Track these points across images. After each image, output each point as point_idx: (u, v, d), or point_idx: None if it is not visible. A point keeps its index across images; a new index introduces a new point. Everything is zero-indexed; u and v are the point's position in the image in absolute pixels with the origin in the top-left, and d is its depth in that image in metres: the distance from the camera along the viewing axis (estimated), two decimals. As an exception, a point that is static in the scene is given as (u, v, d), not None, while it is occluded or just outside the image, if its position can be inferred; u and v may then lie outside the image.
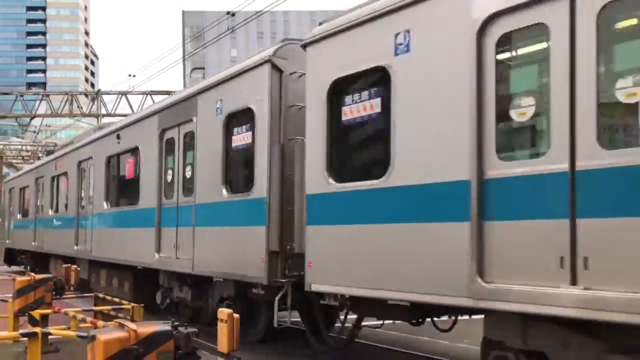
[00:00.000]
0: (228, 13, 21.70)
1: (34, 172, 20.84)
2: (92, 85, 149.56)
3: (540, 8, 4.55)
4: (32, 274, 9.50)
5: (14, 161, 47.51)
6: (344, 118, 6.48)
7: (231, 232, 8.25)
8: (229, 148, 8.60)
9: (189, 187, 9.67)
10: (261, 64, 7.76)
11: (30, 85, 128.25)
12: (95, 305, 10.89)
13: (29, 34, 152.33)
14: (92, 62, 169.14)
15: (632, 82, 4.05)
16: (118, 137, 12.44)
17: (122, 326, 4.88)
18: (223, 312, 5.22)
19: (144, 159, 11.28)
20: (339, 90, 6.54)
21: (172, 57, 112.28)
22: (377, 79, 6.08)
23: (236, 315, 5.24)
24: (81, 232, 14.69)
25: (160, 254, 10.29)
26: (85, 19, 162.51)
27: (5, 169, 46.46)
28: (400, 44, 5.75)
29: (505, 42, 4.87)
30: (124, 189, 12.64)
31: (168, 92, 29.76)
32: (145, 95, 30.79)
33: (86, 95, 36.10)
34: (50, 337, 7.84)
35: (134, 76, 77.82)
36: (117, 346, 4.66)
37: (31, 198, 21.06)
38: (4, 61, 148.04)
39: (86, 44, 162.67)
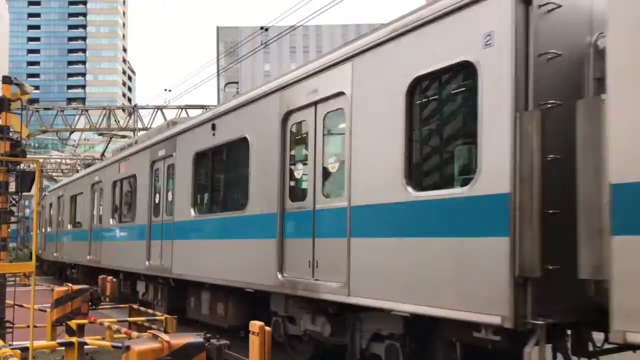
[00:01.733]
0: (261, 28, 21.96)
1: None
2: (129, 100, 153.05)
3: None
4: (70, 284, 9.70)
5: (54, 174, 48.85)
6: None
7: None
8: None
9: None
10: None
11: (70, 100, 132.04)
12: (130, 316, 11.05)
13: (70, 51, 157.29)
14: (130, 78, 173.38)
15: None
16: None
17: (155, 337, 4.94)
18: (255, 324, 5.22)
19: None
20: None
21: (206, 72, 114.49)
22: None
23: (268, 328, 5.24)
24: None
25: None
26: (124, 36, 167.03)
27: (45, 182, 47.80)
28: None
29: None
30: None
31: (203, 106, 30.22)
32: (180, 110, 31.34)
33: (123, 110, 36.94)
34: (86, 347, 7.96)
35: (170, 91, 79.51)
36: (151, 357, 4.71)
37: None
38: (46, 77, 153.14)
39: (124, 60, 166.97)
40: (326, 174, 7.30)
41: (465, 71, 5.41)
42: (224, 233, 9.39)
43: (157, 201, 12.40)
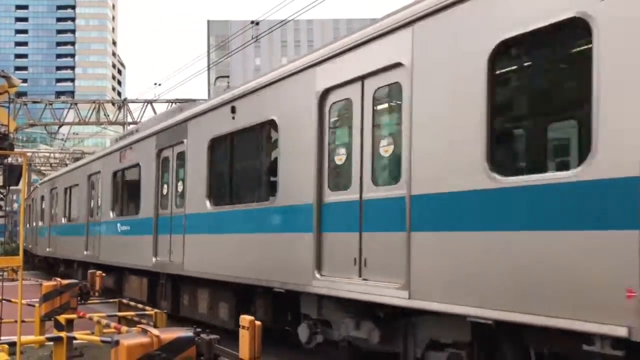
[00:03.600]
0: (252, 22, 21.89)
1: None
2: (119, 93, 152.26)
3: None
4: (58, 279, 9.63)
5: (42, 168, 48.48)
6: None
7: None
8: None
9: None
10: None
11: (59, 94, 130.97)
12: (119, 310, 11.00)
13: (59, 44, 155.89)
14: (119, 71, 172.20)
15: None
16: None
17: (145, 332, 4.91)
18: (245, 319, 5.21)
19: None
20: None
21: (197, 66, 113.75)
22: None
23: (258, 323, 5.22)
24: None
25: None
26: (113, 29, 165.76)
27: (34, 176, 47.44)
28: None
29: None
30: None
31: (193, 100, 30.05)
32: (170, 104, 31.18)
33: (113, 104, 36.69)
34: (75, 341, 7.93)
35: (160, 85, 79.04)
36: (140, 351, 4.68)
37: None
38: (34, 71, 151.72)
39: (113, 54, 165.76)
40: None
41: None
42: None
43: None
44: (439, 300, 5.21)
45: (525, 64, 5.09)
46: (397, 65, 5.87)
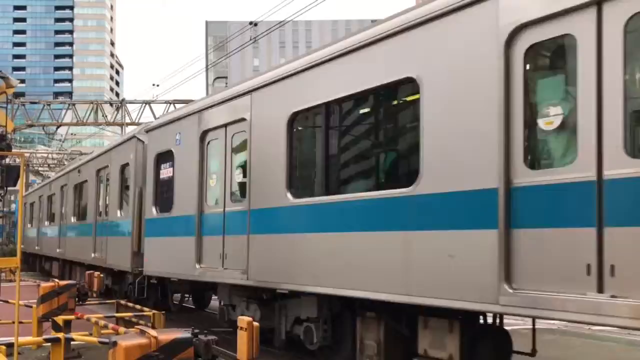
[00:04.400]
0: (251, 23, 21.91)
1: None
2: (117, 94, 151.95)
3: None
4: (56, 280, 9.62)
5: (40, 169, 48.43)
6: None
7: None
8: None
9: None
10: None
11: (57, 94, 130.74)
12: (117, 311, 10.99)
13: (57, 44, 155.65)
14: (117, 72, 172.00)
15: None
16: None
17: (143, 333, 4.91)
18: (243, 319, 5.21)
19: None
20: None
21: (195, 67, 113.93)
22: None
23: (256, 324, 5.23)
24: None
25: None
26: (111, 30, 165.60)
27: (32, 177, 47.38)
28: None
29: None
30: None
31: (191, 101, 30.02)
32: (168, 105, 31.15)
33: (111, 104, 36.66)
34: (72, 342, 7.92)
35: (158, 85, 78.99)
36: (138, 352, 4.68)
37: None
38: (32, 71, 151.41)
39: (111, 54, 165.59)
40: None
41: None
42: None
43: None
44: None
45: None
46: None
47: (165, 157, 11.00)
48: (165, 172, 11.06)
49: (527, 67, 4.89)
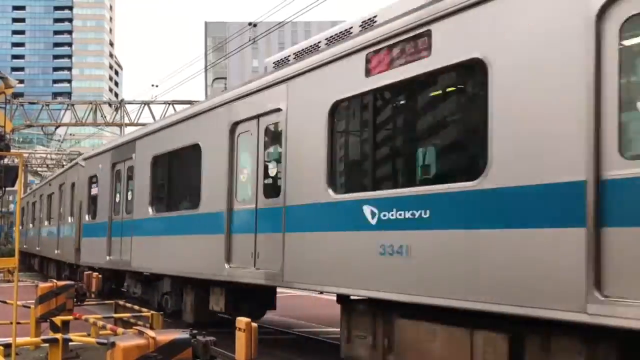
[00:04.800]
0: (250, 24, 21.90)
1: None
2: (116, 95, 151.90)
3: None
4: (54, 280, 9.60)
5: (39, 169, 48.38)
6: None
7: None
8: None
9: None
10: None
11: (56, 95, 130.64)
12: (115, 312, 10.97)
13: (56, 45, 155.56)
14: (116, 72, 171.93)
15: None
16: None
17: (141, 333, 4.90)
18: (241, 320, 5.21)
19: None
20: None
21: (194, 68, 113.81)
22: None
23: (254, 324, 5.23)
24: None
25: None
26: (110, 30, 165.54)
27: (30, 177, 47.31)
28: None
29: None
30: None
31: (190, 102, 30.06)
32: (167, 105, 31.14)
33: (110, 105, 36.62)
34: (70, 343, 7.90)
35: (157, 86, 79.08)
36: (136, 353, 4.68)
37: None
38: (31, 72, 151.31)
39: (110, 55, 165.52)
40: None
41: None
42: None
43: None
44: None
45: None
46: None
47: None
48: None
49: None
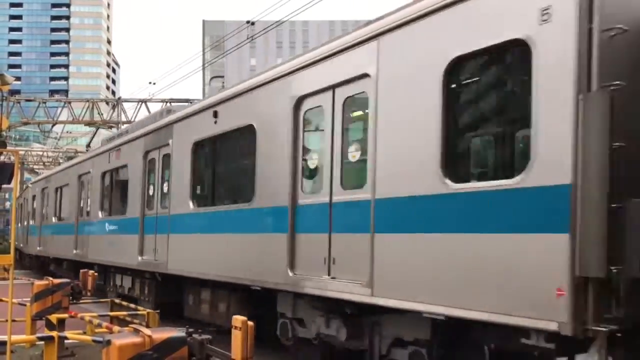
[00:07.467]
0: (248, 22, 21.85)
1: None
2: (113, 92, 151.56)
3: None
4: (50, 278, 9.57)
5: (35, 167, 48.22)
6: None
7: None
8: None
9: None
10: None
11: (52, 92, 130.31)
12: (111, 310, 10.96)
13: (53, 42, 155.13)
14: (114, 70, 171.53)
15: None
16: None
17: (137, 332, 4.89)
18: (237, 319, 5.20)
19: None
20: None
21: (191, 66, 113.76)
22: None
23: (250, 323, 5.21)
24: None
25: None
26: (108, 28, 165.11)
27: (26, 174, 47.18)
28: None
29: None
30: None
31: (187, 100, 30.01)
32: (164, 103, 31.08)
33: (107, 103, 36.54)
34: (66, 341, 7.89)
35: (154, 84, 78.56)
36: (132, 351, 4.67)
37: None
38: (28, 69, 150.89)
39: (108, 53, 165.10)
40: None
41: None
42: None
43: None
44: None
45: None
46: None
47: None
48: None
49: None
